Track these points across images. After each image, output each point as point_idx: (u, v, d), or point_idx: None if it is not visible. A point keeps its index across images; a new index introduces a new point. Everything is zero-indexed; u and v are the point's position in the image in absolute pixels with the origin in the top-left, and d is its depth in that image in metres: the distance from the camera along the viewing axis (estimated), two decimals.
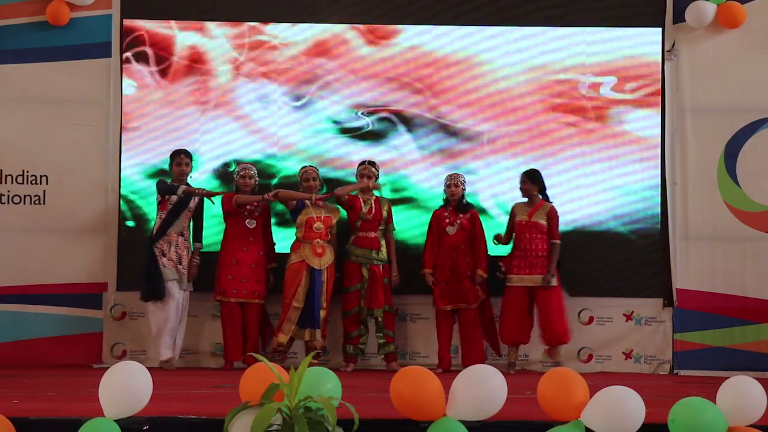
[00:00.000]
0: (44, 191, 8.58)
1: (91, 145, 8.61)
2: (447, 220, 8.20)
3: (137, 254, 8.43)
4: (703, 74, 8.63)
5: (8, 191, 8.57)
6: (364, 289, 8.09)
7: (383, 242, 8.23)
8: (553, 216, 8.17)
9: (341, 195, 8.10)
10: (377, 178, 8.23)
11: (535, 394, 4.52)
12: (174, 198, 8.02)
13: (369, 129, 8.66)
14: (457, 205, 8.23)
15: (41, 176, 8.59)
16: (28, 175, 8.59)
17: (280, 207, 8.41)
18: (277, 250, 8.35)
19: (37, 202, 8.58)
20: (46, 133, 8.60)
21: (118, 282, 8.54)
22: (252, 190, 8.22)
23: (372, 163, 8.24)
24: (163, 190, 8.03)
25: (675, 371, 8.44)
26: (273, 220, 8.42)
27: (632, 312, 8.56)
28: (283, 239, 8.38)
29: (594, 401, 4.37)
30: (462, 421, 4.37)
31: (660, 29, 8.66)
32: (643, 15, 8.69)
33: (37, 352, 8.42)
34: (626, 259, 8.61)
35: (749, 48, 8.63)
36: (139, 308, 8.50)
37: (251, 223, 8.13)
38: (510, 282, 8.13)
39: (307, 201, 8.04)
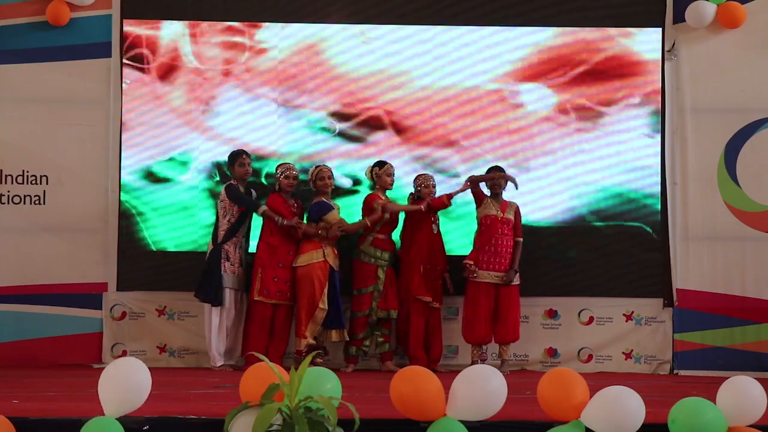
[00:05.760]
0: (44, 191, 8.58)
1: (91, 145, 8.61)
2: (432, 219, 8.20)
3: (137, 254, 8.50)
4: (703, 74, 8.63)
5: (8, 191, 8.57)
6: (377, 290, 8.09)
7: (394, 244, 8.26)
8: (518, 214, 8.20)
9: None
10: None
11: (535, 394, 4.52)
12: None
13: (338, 132, 8.62)
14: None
15: (41, 176, 8.59)
16: (28, 175, 8.59)
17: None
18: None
19: (37, 202, 8.58)
20: (46, 133, 8.60)
21: (118, 282, 8.54)
22: (294, 189, 8.22)
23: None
24: (244, 203, 8.05)
25: (675, 371, 8.44)
26: None
27: (632, 312, 8.56)
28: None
29: (594, 401, 4.37)
30: (462, 421, 4.38)
31: (660, 29, 8.66)
32: (643, 15, 8.69)
33: (37, 352, 8.42)
34: (626, 259, 8.61)
35: (749, 48, 8.63)
36: (139, 308, 8.52)
37: (293, 228, 8.13)
38: (479, 278, 8.07)
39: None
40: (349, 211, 8.39)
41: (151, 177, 8.62)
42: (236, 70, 8.68)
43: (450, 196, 8.13)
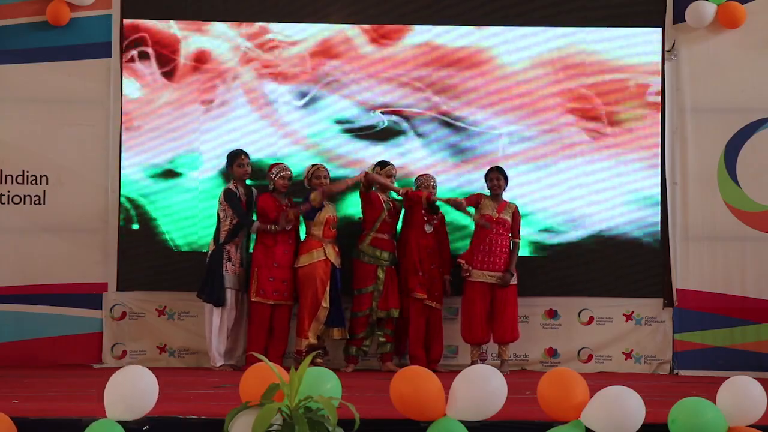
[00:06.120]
0: (44, 191, 8.59)
1: (91, 145, 8.61)
2: (425, 219, 8.20)
3: (137, 254, 8.52)
4: (703, 74, 8.63)
5: (8, 191, 8.57)
6: (377, 290, 8.08)
7: (395, 243, 8.24)
8: (517, 215, 8.20)
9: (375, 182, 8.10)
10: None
11: (535, 394, 4.52)
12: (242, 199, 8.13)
13: (383, 127, 8.64)
14: (431, 206, 8.24)
15: (41, 176, 8.59)
16: (28, 175, 8.59)
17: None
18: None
19: (37, 202, 8.58)
20: (46, 133, 8.60)
21: (118, 282, 8.54)
22: (288, 191, 8.22)
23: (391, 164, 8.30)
24: (237, 216, 8.02)
25: (675, 371, 8.44)
26: None
27: (632, 312, 8.56)
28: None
29: (594, 401, 4.37)
30: (462, 421, 4.38)
31: (660, 29, 8.66)
32: (643, 15, 8.69)
33: (37, 352, 8.42)
34: (626, 259, 8.61)
35: (749, 48, 8.63)
36: (139, 308, 8.52)
37: (289, 225, 8.08)
38: (473, 277, 8.06)
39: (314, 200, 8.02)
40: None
41: (164, 176, 8.61)
42: (252, 67, 8.67)
43: (429, 197, 8.07)
